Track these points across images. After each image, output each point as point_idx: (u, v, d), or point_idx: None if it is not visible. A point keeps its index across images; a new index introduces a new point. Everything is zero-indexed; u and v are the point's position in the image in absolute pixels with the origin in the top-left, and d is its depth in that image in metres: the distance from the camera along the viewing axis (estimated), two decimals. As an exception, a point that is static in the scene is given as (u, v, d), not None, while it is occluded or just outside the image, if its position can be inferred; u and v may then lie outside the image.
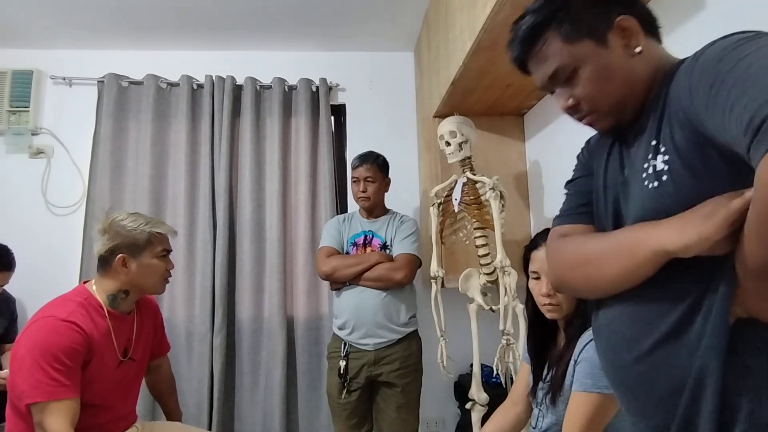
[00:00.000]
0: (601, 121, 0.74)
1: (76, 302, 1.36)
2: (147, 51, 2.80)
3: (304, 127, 2.73)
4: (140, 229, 1.43)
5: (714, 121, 0.55)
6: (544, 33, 0.72)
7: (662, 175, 0.63)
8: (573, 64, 0.71)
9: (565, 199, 0.86)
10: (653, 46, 0.72)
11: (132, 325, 1.50)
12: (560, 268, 0.78)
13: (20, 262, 2.35)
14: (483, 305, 1.97)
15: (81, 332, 1.29)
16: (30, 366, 1.23)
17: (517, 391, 1.40)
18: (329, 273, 2.01)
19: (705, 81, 0.57)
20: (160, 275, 1.48)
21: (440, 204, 2.15)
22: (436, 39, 2.31)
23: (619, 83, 0.69)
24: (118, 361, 1.42)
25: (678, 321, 0.62)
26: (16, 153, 2.69)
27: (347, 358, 1.98)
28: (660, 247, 0.60)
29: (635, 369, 0.67)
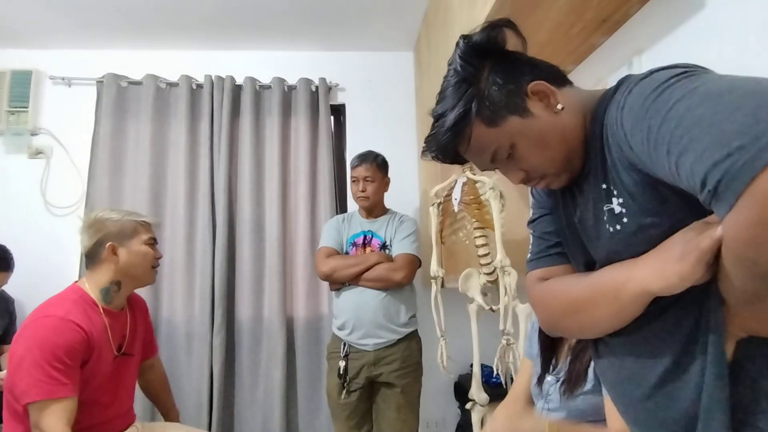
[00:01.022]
0: (555, 181, 0.74)
1: (72, 300, 1.37)
2: (146, 51, 2.79)
3: (303, 127, 2.73)
4: (125, 218, 1.47)
5: (661, 171, 0.55)
6: (467, 127, 0.71)
7: (622, 218, 0.63)
8: (508, 143, 0.71)
9: (533, 241, 0.86)
10: (570, 93, 0.72)
11: (126, 320, 1.51)
12: (550, 317, 0.78)
13: (19, 262, 2.35)
14: (483, 305, 1.97)
15: (81, 331, 1.30)
16: (29, 365, 1.23)
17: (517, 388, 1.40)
18: (329, 273, 2.00)
19: (638, 134, 0.56)
20: (150, 261, 1.50)
21: (440, 204, 2.14)
22: (435, 38, 2.31)
23: (557, 144, 0.70)
24: (113, 357, 1.43)
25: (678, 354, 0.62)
26: (15, 153, 2.69)
27: (347, 358, 1.98)
28: (643, 290, 0.61)
29: (645, 405, 0.67)
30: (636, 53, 1.45)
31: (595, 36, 1.61)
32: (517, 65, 0.72)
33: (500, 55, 0.72)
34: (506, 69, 0.71)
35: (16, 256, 2.33)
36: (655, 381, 0.64)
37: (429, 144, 0.76)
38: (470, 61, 0.71)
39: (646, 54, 1.42)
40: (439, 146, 0.74)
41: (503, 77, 0.70)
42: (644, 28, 1.44)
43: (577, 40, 1.62)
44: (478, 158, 0.75)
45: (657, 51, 1.38)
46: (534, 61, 0.74)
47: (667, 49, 1.34)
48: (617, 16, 1.49)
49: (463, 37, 0.72)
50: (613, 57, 1.59)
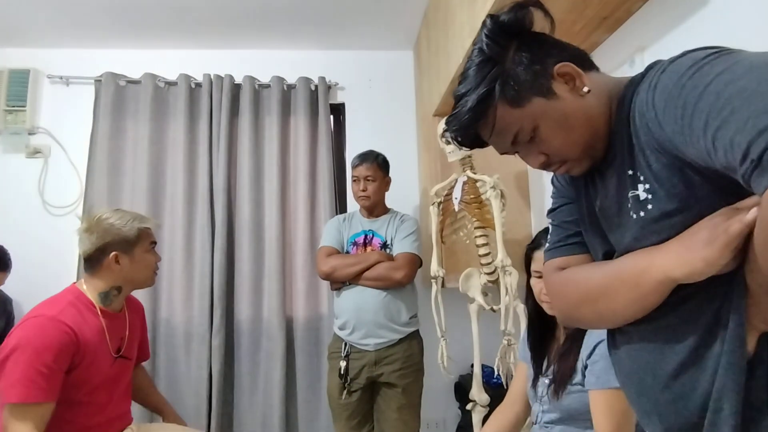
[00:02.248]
0: (576, 167, 0.72)
1: (67, 301, 1.35)
2: (145, 50, 2.78)
3: (303, 126, 2.72)
4: (129, 225, 1.44)
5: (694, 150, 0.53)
6: (491, 107, 0.69)
7: (647, 204, 0.62)
8: (531, 125, 0.69)
9: (551, 230, 0.84)
10: (596, 78, 0.71)
11: (125, 322, 1.50)
12: (566, 306, 0.77)
13: (17, 262, 2.34)
14: (484, 305, 1.96)
15: (69, 332, 1.27)
16: (12, 365, 1.21)
17: (514, 391, 1.40)
18: (329, 272, 1.99)
19: (672, 111, 0.55)
20: (151, 268, 1.51)
21: (440, 203, 2.14)
22: (435, 37, 2.30)
23: (581, 127, 0.68)
24: (112, 359, 1.41)
25: (697, 344, 0.60)
26: (12, 153, 2.67)
27: (348, 358, 1.97)
28: (665, 276, 0.59)
29: (661, 395, 0.66)
30: (638, 51, 1.44)
31: (597, 33, 1.60)
32: (544, 46, 0.70)
33: (527, 35, 0.71)
34: (533, 49, 0.69)
35: (14, 256, 2.32)
36: (672, 371, 0.63)
37: (450, 124, 0.74)
38: (497, 40, 0.69)
39: (648, 51, 1.42)
40: (461, 126, 0.72)
41: (529, 57, 0.68)
42: (646, 26, 1.43)
43: (579, 37, 1.61)
44: (499, 140, 0.73)
45: (659, 48, 1.37)
46: (561, 42, 0.73)
47: (669, 47, 1.33)
48: (619, 13, 1.48)
49: (490, 16, 0.71)
50: (615, 55, 1.58)
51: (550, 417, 1.23)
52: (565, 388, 1.18)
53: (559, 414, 1.20)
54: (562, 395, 1.18)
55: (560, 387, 1.19)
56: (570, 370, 1.18)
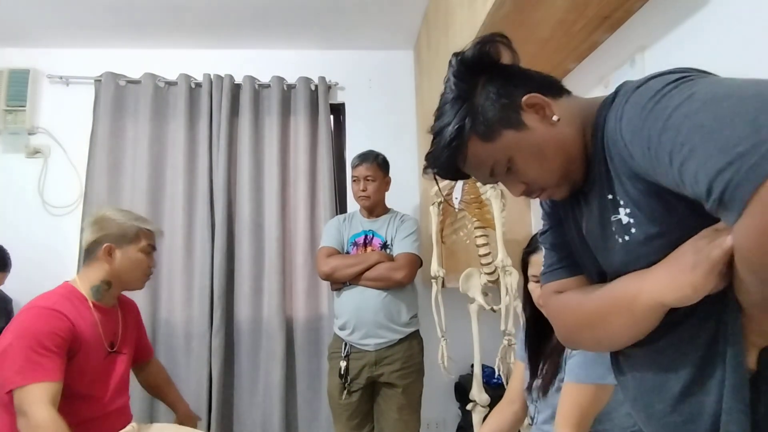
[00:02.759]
0: (556, 193, 0.74)
1: (60, 294, 1.39)
2: (144, 50, 2.78)
3: (303, 126, 2.71)
4: (129, 223, 1.48)
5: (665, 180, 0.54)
6: (464, 144, 0.71)
7: (630, 228, 0.63)
8: (505, 157, 0.71)
9: (545, 253, 0.86)
10: (568, 104, 0.72)
11: (117, 318, 1.52)
12: (566, 331, 0.78)
13: (17, 262, 2.34)
14: (484, 305, 1.95)
15: (65, 319, 1.30)
16: (13, 353, 1.23)
17: (513, 390, 1.41)
18: (329, 273, 1.99)
19: (639, 143, 0.56)
20: (143, 270, 1.50)
21: (440, 203, 2.13)
22: (435, 36, 2.30)
23: (555, 155, 0.69)
24: (105, 353, 1.43)
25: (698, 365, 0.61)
26: (12, 153, 2.67)
27: (348, 358, 1.97)
28: (656, 302, 0.60)
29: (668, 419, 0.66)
30: (638, 50, 1.44)
31: (597, 33, 1.60)
32: (510, 78, 0.71)
33: (494, 69, 0.72)
34: (500, 83, 0.71)
35: (13, 256, 2.32)
36: (678, 393, 0.63)
37: (429, 161, 0.76)
38: (463, 77, 0.71)
39: (648, 51, 1.41)
40: (439, 164, 0.75)
41: (497, 92, 0.70)
42: (647, 26, 1.43)
43: (579, 37, 1.61)
44: (477, 173, 0.75)
45: (659, 48, 1.37)
46: (528, 73, 0.74)
47: (669, 47, 1.33)
48: (619, 13, 1.48)
49: (455, 54, 0.73)
50: (615, 54, 1.58)
51: (543, 417, 1.24)
52: (551, 384, 1.20)
53: (552, 412, 1.20)
54: (550, 392, 1.20)
55: (547, 384, 1.21)
56: (556, 367, 1.20)
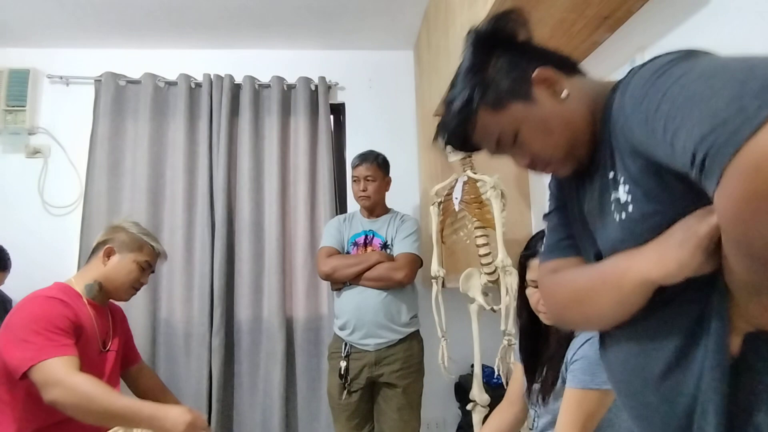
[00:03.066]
0: (561, 168, 0.75)
1: (57, 288, 1.42)
2: (144, 50, 2.78)
3: (303, 126, 2.71)
4: (138, 236, 1.53)
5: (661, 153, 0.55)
6: (474, 112, 0.73)
7: (627, 206, 0.63)
8: (512, 129, 0.72)
9: (546, 233, 0.86)
10: (580, 82, 0.73)
11: (108, 319, 1.54)
12: (557, 308, 0.79)
13: (17, 262, 2.33)
14: (484, 305, 1.96)
15: (69, 307, 1.34)
16: (24, 337, 1.25)
17: (513, 392, 1.40)
18: (329, 273, 1.99)
19: (638, 117, 0.57)
20: (131, 281, 1.51)
21: (440, 203, 2.13)
22: (436, 36, 2.29)
23: (560, 131, 0.71)
24: (99, 350, 1.46)
25: (681, 346, 0.61)
26: (12, 153, 2.67)
27: (348, 358, 1.96)
28: (644, 278, 0.60)
29: (649, 399, 0.66)
30: (639, 50, 1.44)
31: (598, 33, 1.60)
32: (524, 53, 0.74)
33: (508, 44, 0.74)
34: (513, 57, 0.73)
35: (13, 256, 2.32)
36: (660, 373, 0.63)
37: (440, 130, 0.79)
38: (478, 50, 0.74)
39: (648, 51, 1.41)
40: (449, 131, 0.77)
41: (509, 64, 0.72)
42: (647, 26, 1.43)
43: (579, 37, 1.61)
44: (484, 143, 0.77)
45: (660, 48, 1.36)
46: (543, 49, 0.76)
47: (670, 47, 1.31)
48: (619, 13, 1.48)
49: (472, 28, 0.76)
50: (615, 54, 1.57)
51: (543, 422, 1.23)
52: (551, 393, 1.19)
53: (552, 418, 1.20)
54: (550, 400, 1.19)
55: (547, 393, 1.19)
56: (555, 375, 1.18)
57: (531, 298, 1.24)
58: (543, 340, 1.27)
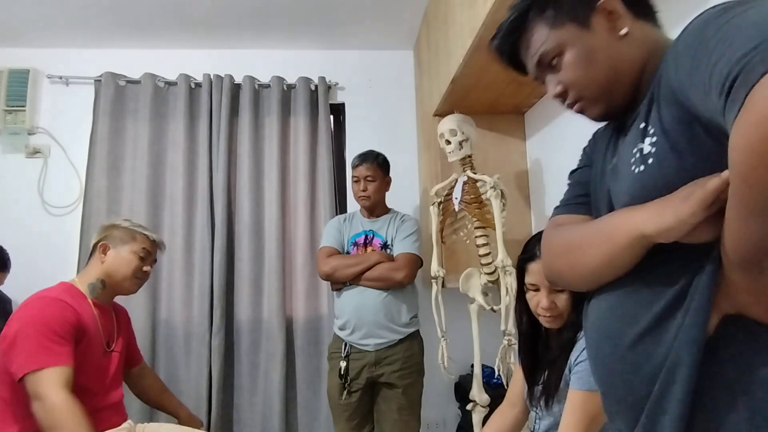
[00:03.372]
0: (589, 108, 0.73)
1: (62, 289, 1.43)
2: (144, 50, 2.78)
3: (302, 126, 2.71)
4: (130, 228, 1.56)
5: (698, 90, 0.52)
6: (529, 22, 0.72)
7: (648, 158, 0.61)
8: (557, 49, 0.70)
9: (567, 189, 0.86)
10: (645, 29, 0.70)
11: (112, 319, 1.56)
12: (549, 257, 0.78)
13: (16, 262, 2.33)
14: (484, 305, 1.96)
15: (71, 308, 1.35)
16: (22, 340, 1.26)
17: (514, 393, 1.39)
18: (329, 273, 1.99)
19: (689, 51, 0.54)
20: (132, 270, 1.52)
21: (440, 203, 2.13)
22: (435, 37, 2.29)
23: (603, 66, 0.68)
24: (103, 350, 1.47)
25: (660, 314, 0.59)
26: (12, 153, 2.67)
27: (348, 358, 1.96)
28: (638, 231, 0.58)
29: (617, 366, 0.65)
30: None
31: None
32: None
33: None
34: None
35: (13, 257, 2.32)
36: (631, 341, 0.62)
37: (497, 31, 0.77)
38: None
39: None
40: (500, 35, 0.77)
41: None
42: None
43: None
44: (527, 59, 0.76)
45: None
46: None
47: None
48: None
49: None
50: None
51: (544, 425, 1.23)
52: (554, 396, 1.18)
53: (553, 421, 1.20)
54: (553, 403, 1.18)
55: (550, 396, 1.19)
56: (558, 379, 1.17)
57: (530, 302, 1.23)
58: (544, 344, 1.27)
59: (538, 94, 2.22)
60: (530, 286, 1.22)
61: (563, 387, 1.15)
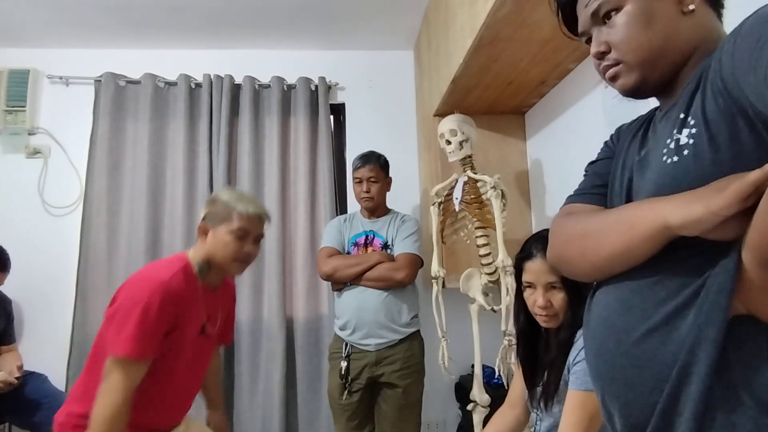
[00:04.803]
0: (625, 74, 0.69)
1: (180, 267, 1.35)
2: (144, 50, 2.77)
3: (303, 127, 2.71)
4: (227, 203, 1.43)
5: (755, 76, 0.50)
6: None
7: (683, 150, 0.58)
8: (617, 2, 0.67)
9: (583, 179, 0.83)
10: (709, 14, 0.68)
11: (215, 303, 1.49)
12: (558, 244, 0.75)
13: (17, 262, 2.33)
14: (484, 305, 1.96)
15: (176, 300, 1.28)
16: (121, 319, 1.23)
17: (514, 394, 1.39)
18: (330, 273, 1.99)
19: (750, 39, 0.52)
20: (231, 253, 1.40)
21: (441, 203, 2.13)
22: (436, 36, 2.29)
23: (656, 34, 0.66)
24: (196, 335, 1.41)
25: (672, 312, 0.57)
26: (12, 153, 2.67)
27: (349, 358, 1.96)
28: (662, 221, 0.56)
29: (618, 361, 0.63)
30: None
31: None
32: None
33: None
34: None
35: (13, 257, 2.31)
36: (637, 337, 0.60)
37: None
38: None
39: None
40: None
41: None
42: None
43: (580, 38, 1.60)
44: (583, 7, 0.72)
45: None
46: None
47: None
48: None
49: None
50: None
51: (545, 426, 1.23)
52: (553, 398, 1.18)
53: (553, 422, 1.19)
54: (553, 404, 1.18)
55: (549, 397, 1.19)
56: (557, 380, 1.17)
57: (527, 301, 1.23)
58: (543, 344, 1.26)
59: (538, 94, 2.22)
60: (527, 284, 1.23)
61: (563, 388, 1.15)
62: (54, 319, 2.50)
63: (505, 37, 1.63)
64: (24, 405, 2.12)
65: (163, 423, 1.41)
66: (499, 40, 1.65)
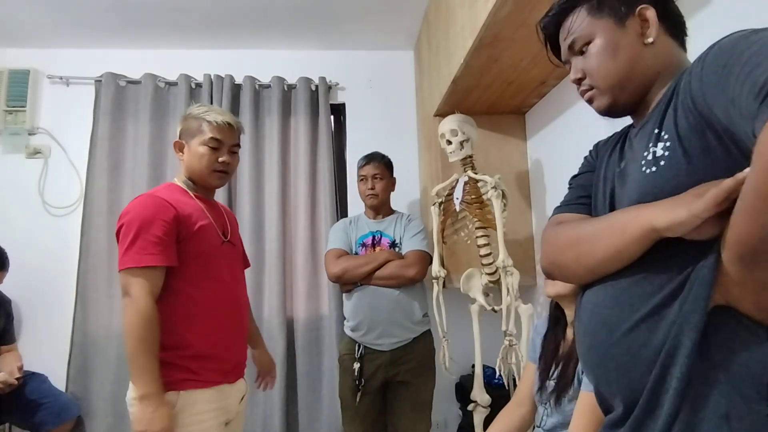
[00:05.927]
0: (598, 98, 0.79)
1: (164, 187, 1.43)
2: (145, 50, 2.77)
3: (303, 127, 2.71)
4: (198, 115, 1.43)
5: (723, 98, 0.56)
6: (576, 7, 0.79)
7: (660, 161, 0.66)
8: (588, 37, 0.78)
9: (568, 191, 0.91)
10: (669, 45, 0.76)
11: (221, 212, 1.52)
12: (551, 251, 0.81)
13: (17, 262, 2.33)
14: (485, 306, 1.95)
15: (167, 204, 1.32)
16: (121, 239, 1.29)
17: (522, 392, 1.39)
18: (340, 274, 1.97)
19: (718, 63, 0.59)
20: (206, 163, 1.41)
21: (441, 203, 2.13)
22: (436, 37, 2.29)
23: (621, 63, 0.75)
24: (220, 240, 1.43)
25: (658, 304, 0.64)
26: (12, 153, 2.67)
27: (362, 360, 1.95)
28: (649, 225, 0.62)
29: (611, 351, 0.69)
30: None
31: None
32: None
33: None
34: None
35: (13, 257, 2.31)
36: (627, 327, 0.66)
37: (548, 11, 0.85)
38: None
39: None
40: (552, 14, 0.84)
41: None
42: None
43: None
44: (563, 40, 0.83)
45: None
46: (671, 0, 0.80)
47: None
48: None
49: None
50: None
51: (552, 422, 1.23)
52: (566, 394, 1.18)
53: (561, 419, 1.19)
54: (564, 401, 1.18)
55: (562, 393, 1.19)
56: (571, 376, 1.17)
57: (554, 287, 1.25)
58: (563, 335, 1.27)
59: (538, 94, 2.22)
60: None
61: (576, 385, 1.15)
62: (54, 319, 2.49)
63: (506, 37, 1.63)
64: (24, 405, 2.12)
65: (226, 346, 1.41)
66: (500, 40, 1.65)
